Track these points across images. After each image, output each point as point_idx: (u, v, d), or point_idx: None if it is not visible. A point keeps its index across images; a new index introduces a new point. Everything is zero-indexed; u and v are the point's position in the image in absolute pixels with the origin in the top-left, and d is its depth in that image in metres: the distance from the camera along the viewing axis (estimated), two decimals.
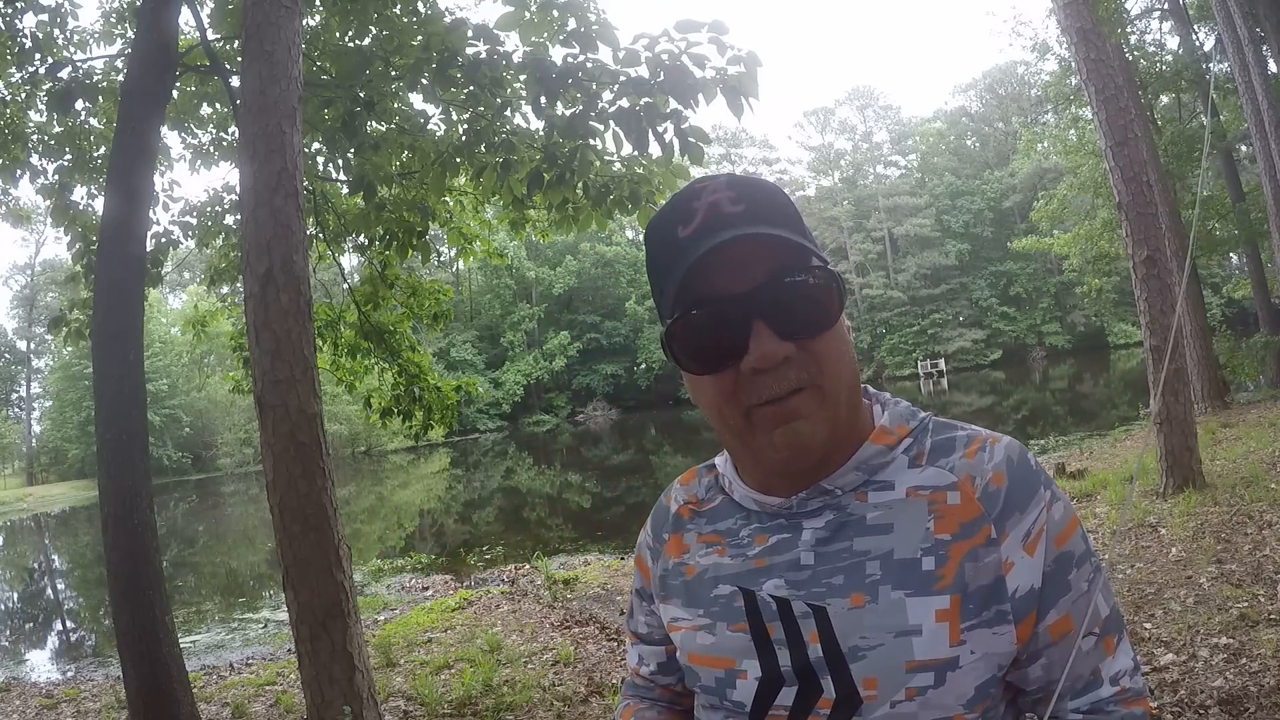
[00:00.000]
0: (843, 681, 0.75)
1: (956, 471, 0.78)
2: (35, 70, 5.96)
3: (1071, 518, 0.79)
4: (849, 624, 0.76)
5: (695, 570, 0.87)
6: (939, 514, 0.77)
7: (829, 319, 0.76)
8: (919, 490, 0.78)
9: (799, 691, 0.77)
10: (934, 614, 0.74)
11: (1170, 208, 12.68)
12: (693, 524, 0.91)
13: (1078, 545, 0.78)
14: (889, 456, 0.80)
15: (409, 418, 7.30)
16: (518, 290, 53.94)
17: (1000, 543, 0.75)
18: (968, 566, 0.75)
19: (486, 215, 7.54)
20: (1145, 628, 4.14)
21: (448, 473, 30.21)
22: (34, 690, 6.72)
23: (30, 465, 48.47)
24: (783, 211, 0.77)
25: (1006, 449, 0.79)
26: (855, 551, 0.77)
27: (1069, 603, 0.77)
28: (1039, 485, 0.78)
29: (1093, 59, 7.46)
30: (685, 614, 0.87)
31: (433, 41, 4.84)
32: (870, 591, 0.76)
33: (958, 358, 51.22)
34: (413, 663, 5.80)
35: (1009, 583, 0.75)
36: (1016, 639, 0.76)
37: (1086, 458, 11.12)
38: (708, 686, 0.84)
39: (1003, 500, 0.76)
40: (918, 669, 0.74)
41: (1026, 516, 0.76)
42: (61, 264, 36.41)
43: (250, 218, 3.56)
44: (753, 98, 4.03)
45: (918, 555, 0.76)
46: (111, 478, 4.07)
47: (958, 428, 0.83)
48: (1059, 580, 0.77)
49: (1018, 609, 0.75)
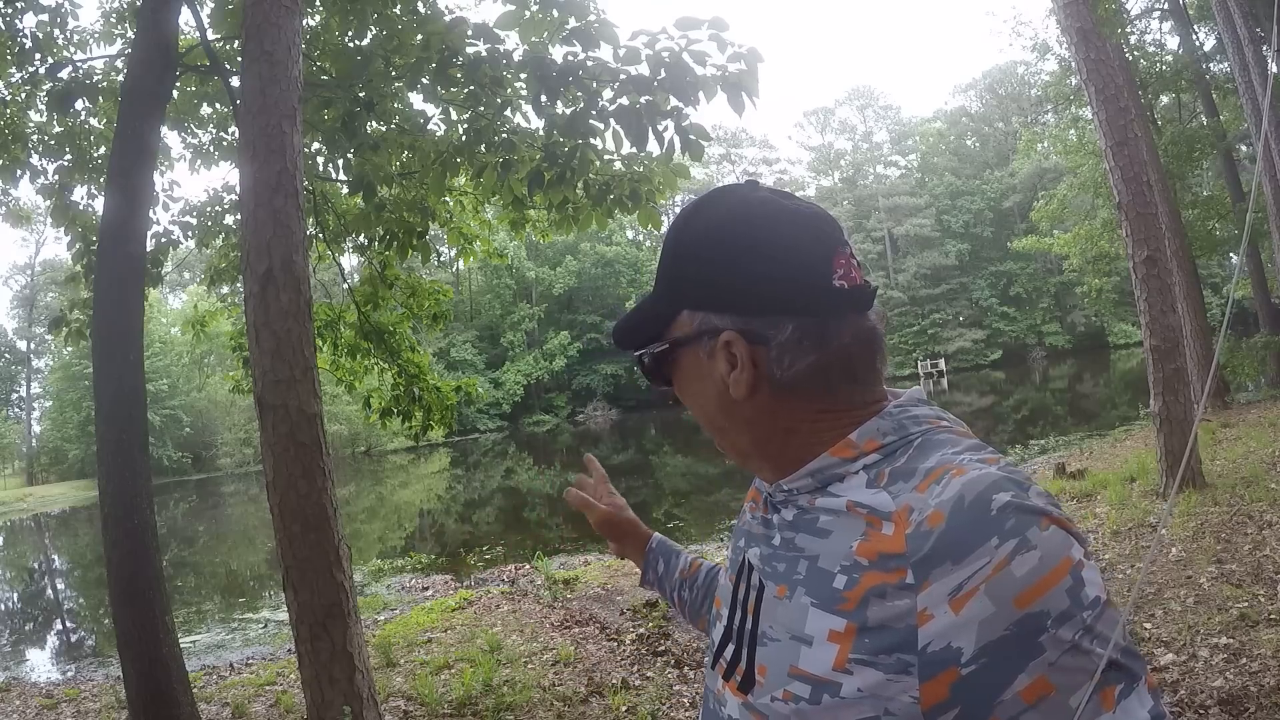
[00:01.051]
0: (749, 658, 0.82)
1: (898, 501, 0.73)
2: (35, 70, 5.96)
3: (1053, 570, 0.67)
4: (769, 610, 0.81)
5: (744, 521, 0.98)
6: (867, 537, 0.73)
7: (661, 382, 0.90)
8: (858, 507, 0.75)
9: (733, 651, 0.85)
10: (827, 631, 0.73)
11: (1170, 208, 12.68)
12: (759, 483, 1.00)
13: (1057, 603, 0.66)
14: (845, 469, 0.79)
15: (409, 418, 7.30)
16: (518, 290, 53.93)
17: (919, 590, 0.68)
18: (873, 600, 0.70)
19: (486, 215, 7.53)
20: (1145, 628, 4.14)
21: (448, 473, 30.21)
22: (34, 690, 6.72)
23: (30, 465, 48.48)
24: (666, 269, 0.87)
25: (964, 486, 0.69)
26: (797, 546, 0.81)
27: (1042, 665, 0.65)
28: (990, 535, 0.66)
29: (1093, 59, 7.46)
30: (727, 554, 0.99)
31: (432, 41, 4.83)
32: (791, 587, 0.78)
33: (958, 358, 51.21)
34: (413, 663, 5.80)
35: (921, 635, 0.67)
36: (921, 696, 0.68)
37: (1086, 458, 11.12)
38: (710, 620, 0.97)
39: (932, 544, 0.68)
40: (797, 677, 0.74)
41: (961, 569, 0.66)
42: (61, 264, 36.40)
43: (250, 218, 3.56)
44: (753, 95, 4.03)
45: (835, 570, 0.74)
46: (111, 478, 4.07)
47: (941, 449, 0.76)
48: (1024, 645, 0.66)
49: (927, 665, 0.67)
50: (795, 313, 0.78)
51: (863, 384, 0.82)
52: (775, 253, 0.79)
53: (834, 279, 0.79)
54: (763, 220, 0.80)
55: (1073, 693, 0.66)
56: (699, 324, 0.83)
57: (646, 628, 5.96)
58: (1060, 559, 0.67)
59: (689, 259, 0.83)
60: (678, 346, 0.86)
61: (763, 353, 0.79)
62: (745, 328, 0.79)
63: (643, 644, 5.61)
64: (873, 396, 0.82)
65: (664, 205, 8.65)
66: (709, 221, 0.83)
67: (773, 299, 0.79)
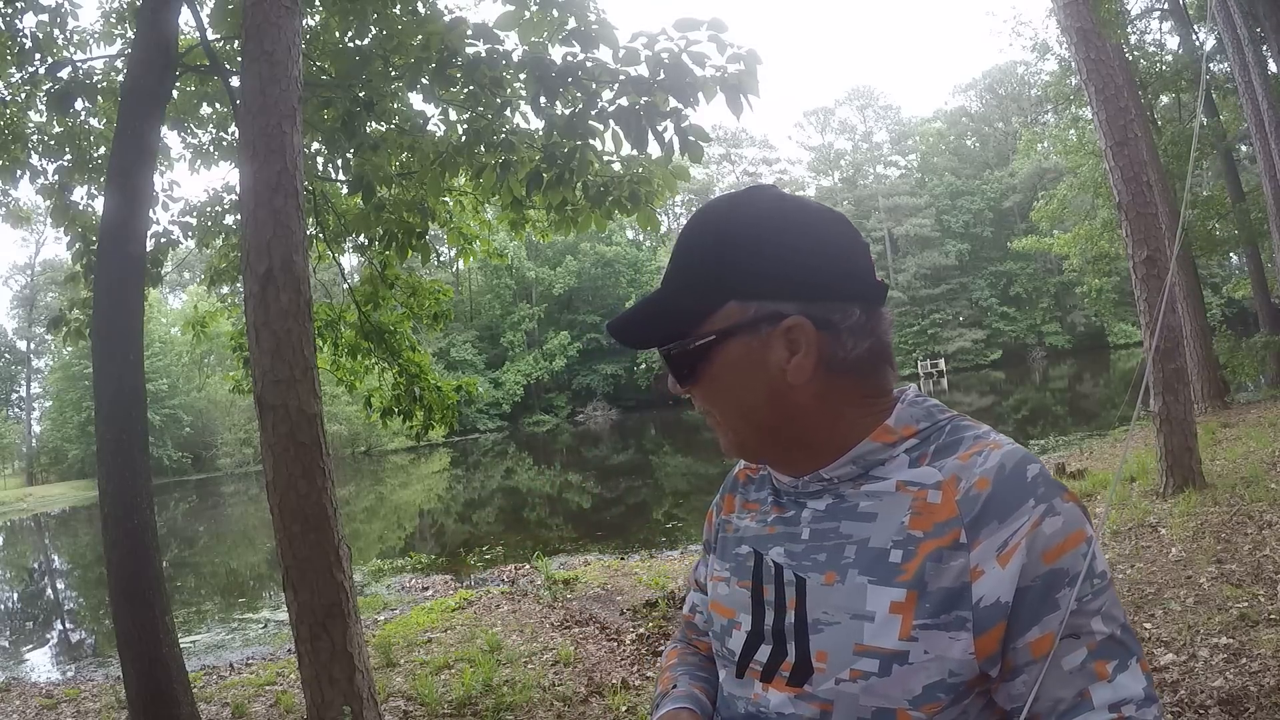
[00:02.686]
0: (801, 649, 0.82)
1: (945, 472, 0.80)
2: (35, 70, 5.95)
3: (1072, 535, 0.75)
4: (819, 598, 0.82)
5: (733, 529, 0.98)
6: (917, 510, 0.79)
7: (685, 379, 0.87)
8: (907, 485, 0.81)
9: (772, 650, 0.85)
10: (889, 604, 0.77)
11: (1170, 208, 12.68)
12: (743, 489, 1.02)
13: (1074, 564, 0.74)
14: (888, 453, 0.84)
15: (409, 418, 7.30)
16: (518, 290, 53.93)
17: (971, 548, 0.75)
18: (929, 566, 0.76)
19: (486, 215, 7.53)
20: (1145, 628, 4.14)
21: (448, 473, 30.21)
22: (34, 690, 6.72)
23: (30, 465, 48.47)
24: (699, 263, 0.85)
25: (1003, 456, 0.79)
26: (841, 534, 0.83)
27: (1054, 621, 0.74)
28: (1028, 497, 0.76)
29: (1093, 59, 7.46)
30: (718, 565, 0.98)
31: (432, 41, 4.83)
32: (841, 572, 0.81)
33: (958, 358, 51.22)
34: (413, 663, 5.80)
35: (974, 590, 0.75)
36: (976, 649, 0.75)
37: (1086, 458, 11.12)
38: (716, 633, 0.95)
39: (981, 506, 0.76)
40: (864, 653, 0.78)
41: (1006, 527, 0.75)
42: (61, 264, 36.38)
43: (250, 218, 3.56)
44: (753, 96, 4.03)
45: (888, 546, 0.79)
46: (111, 478, 4.07)
47: (971, 430, 0.84)
48: (1044, 598, 0.74)
49: (980, 619, 0.74)
50: (857, 299, 0.84)
51: (893, 371, 0.88)
52: (830, 246, 0.84)
53: (875, 273, 0.87)
54: (810, 216, 0.85)
55: (1066, 655, 0.74)
56: (755, 312, 0.83)
57: (646, 628, 5.96)
58: (1078, 528, 0.77)
59: (739, 250, 0.84)
60: (727, 337, 0.84)
61: (826, 338, 0.83)
62: (813, 313, 0.82)
63: (643, 644, 5.61)
64: (894, 384, 0.89)
65: (663, 206, 8.65)
66: (756, 214, 0.85)
67: (839, 287, 0.84)
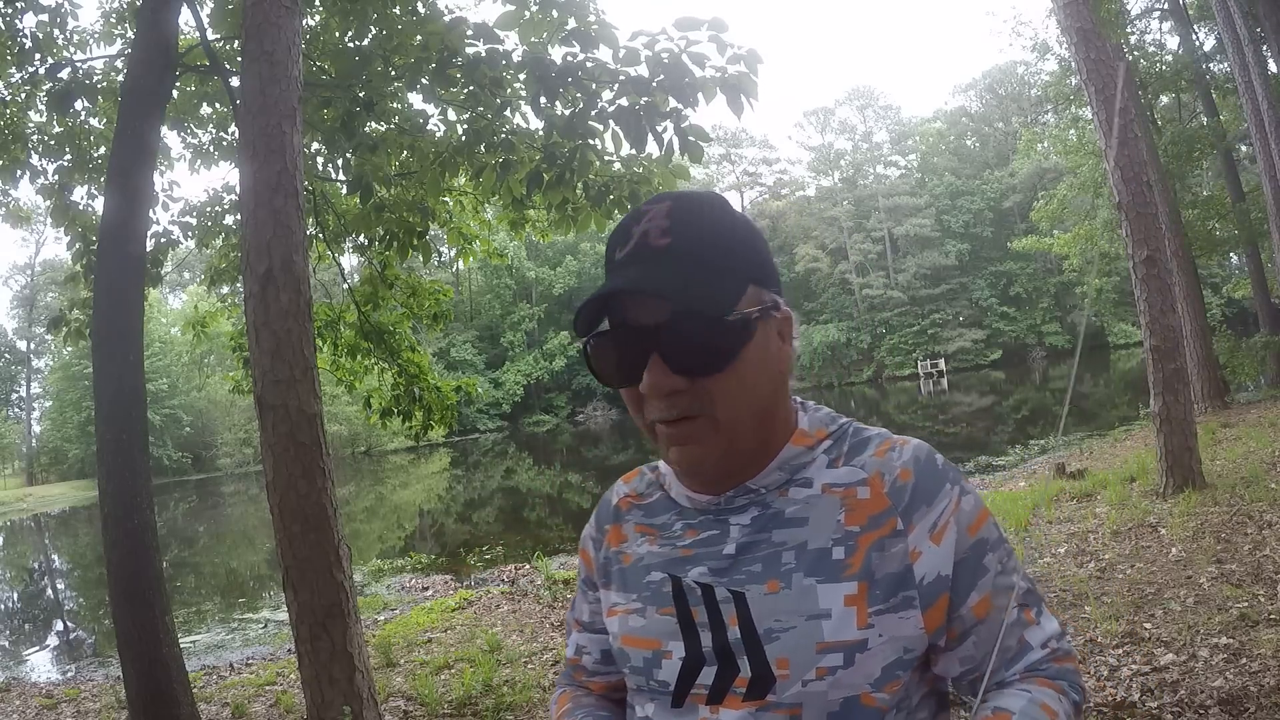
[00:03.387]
0: (758, 661, 0.81)
1: (867, 469, 0.85)
2: (35, 70, 5.95)
3: (983, 509, 0.86)
4: (765, 608, 0.82)
5: (631, 558, 0.94)
6: (850, 507, 0.83)
7: (720, 363, 0.79)
8: (833, 487, 0.85)
9: (718, 671, 0.83)
10: (843, 599, 0.80)
11: (1170, 208, 12.68)
12: (630, 515, 0.97)
13: (990, 532, 0.85)
14: (809, 457, 0.87)
15: (409, 418, 7.29)
16: (518, 290, 53.92)
17: (907, 534, 0.81)
18: (874, 556, 0.81)
19: (486, 215, 7.53)
20: (1145, 628, 4.14)
21: (448, 473, 30.20)
22: (34, 690, 6.72)
23: (30, 465, 48.46)
24: (711, 247, 0.82)
25: (915, 449, 0.86)
26: (773, 542, 0.84)
27: (988, 584, 0.84)
28: (945, 481, 0.84)
29: (1093, 59, 7.46)
30: (621, 598, 0.93)
31: (432, 41, 4.83)
32: (785, 578, 0.82)
33: (958, 358, 51.18)
34: (413, 663, 5.80)
35: (916, 570, 0.81)
36: (925, 624, 0.81)
37: (1086, 458, 11.12)
38: (637, 667, 0.89)
39: (909, 494, 0.83)
40: (827, 650, 0.79)
41: (933, 509, 0.82)
42: (61, 264, 36.37)
43: (250, 218, 3.56)
44: (752, 97, 4.03)
45: (829, 545, 0.82)
46: (111, 478, 4.07)
47: (869, 431, 0.90)
48: (975, 566, 0.83)
49: (925, 595, 0.81)
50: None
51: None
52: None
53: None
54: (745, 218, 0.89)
55: (1006, 610, 0.84)
56: (766, 299, 0.83)
57: None
58: (982, 504, 0.87)
59: (741, 235, 0.85)
60: (766, 314, 0.83)
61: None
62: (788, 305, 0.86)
63: None
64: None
65: None
66: (734, 209, 0.87)
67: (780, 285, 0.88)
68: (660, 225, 0.82)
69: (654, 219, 0.83)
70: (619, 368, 0.83)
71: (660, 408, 0.81)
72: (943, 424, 24.10)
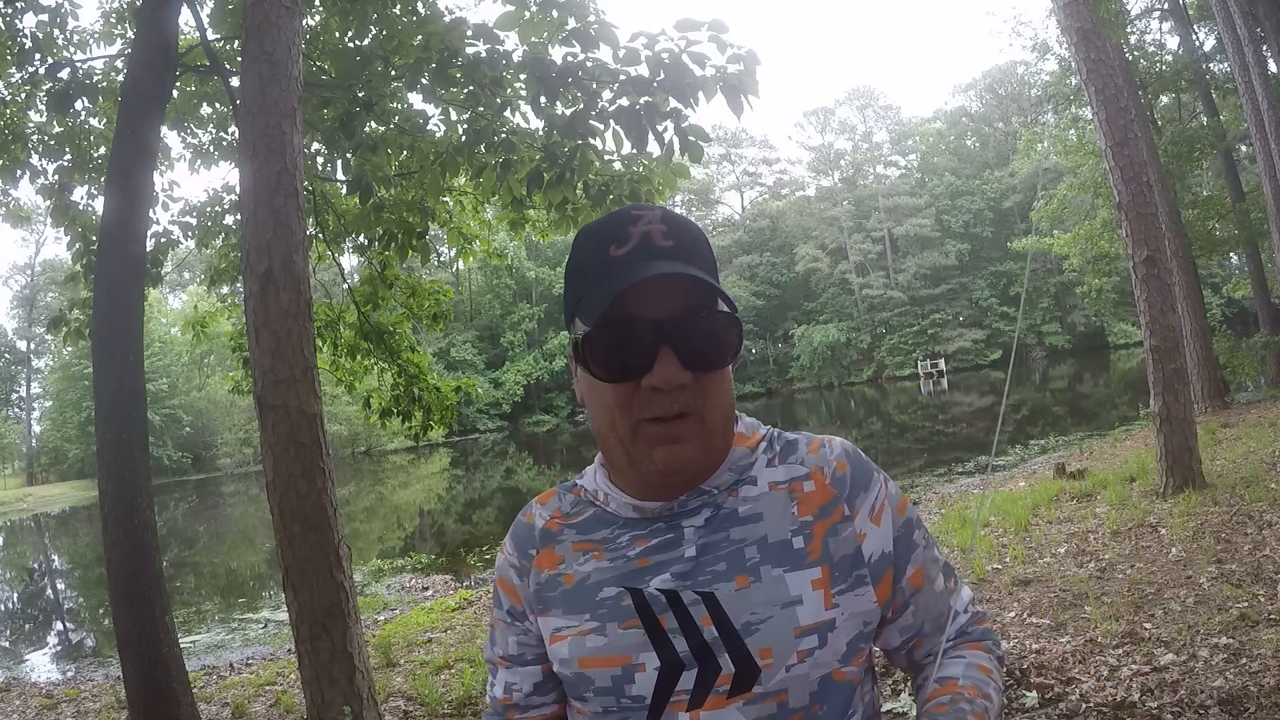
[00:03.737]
0: (740, 655, 0.83)
1: (806, 464, 0.92)
2: (35, 70, 5.95)
3: (901, 494, 0.96)
4: (738, 604, 0.84)
5: (575, 578, 0.91)
6: (799, 500, 0.90)
7: (725, 359, 0.85)
8: (778, 484, 0.91)
9: (699, 673, 0.84)
10: (810, 584, 0.86)
11: (1170, 208, 12.67)
12: (564, 536, 0.95)
13: (912, 513, 0.96)
14: (752, 457, 0.92)
15: (408, 418, 7.29)
16: (518, 290, 53.89)
17: (853, 518, 0.90)
18: (830, 541, 0.88)
19: (486, 215, 7.53)
20: (1145, 628, 4.13)
21: (448, 473, 30.20)
22: (34, 690, 6.72)
23: (30, 465, 48.46)
24: (702, 254, 0.88)
25: (841, 444, 0.95)
26: (733, 540, 0.87)
27: (920, 556, 0.94)
28: (873, 470, 0.94)
29: (1093, 59, 7.46)
30: (570, 621, 0.90)
31: (432, 41, 4.83)
32: (753, 572, 0.85)
33: (958, 358, 51.17)
34: (413, 663, 5.80)
35: (864, 550, 0.89)
36: (876, 597, 0.90)
37: (1087, 458, 11.12)
38: (603, 688, 0.87)
39: (849, 484, 0.91)
40: (805, 633, 0.84)
41: (870, 494, 0.92)
42: (61, 264, 36.36)
43: (250, 218, 3.56)
44: (752, 96, 4.03)
45: (788, 536, 0.87)
46: (111, 478, 4.07)
47: (791, 433, 0.97)
48: (907, 541, 0.93)
49: (874, 571, 0.89)
50: None
51: None
52: None
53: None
54: None
55: (935, 580, 0.95)
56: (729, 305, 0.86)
57: None
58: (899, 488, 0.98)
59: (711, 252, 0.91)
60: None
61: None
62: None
63: None
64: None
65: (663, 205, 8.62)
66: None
67: None
68: (660, 229, 0.85)
69: (652, 222, 0.86)
70: (624, 360, 0.83)
71: (662, 403, 0.82)
72: (943, 424, 24.11)
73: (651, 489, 0.89)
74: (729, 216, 65.50)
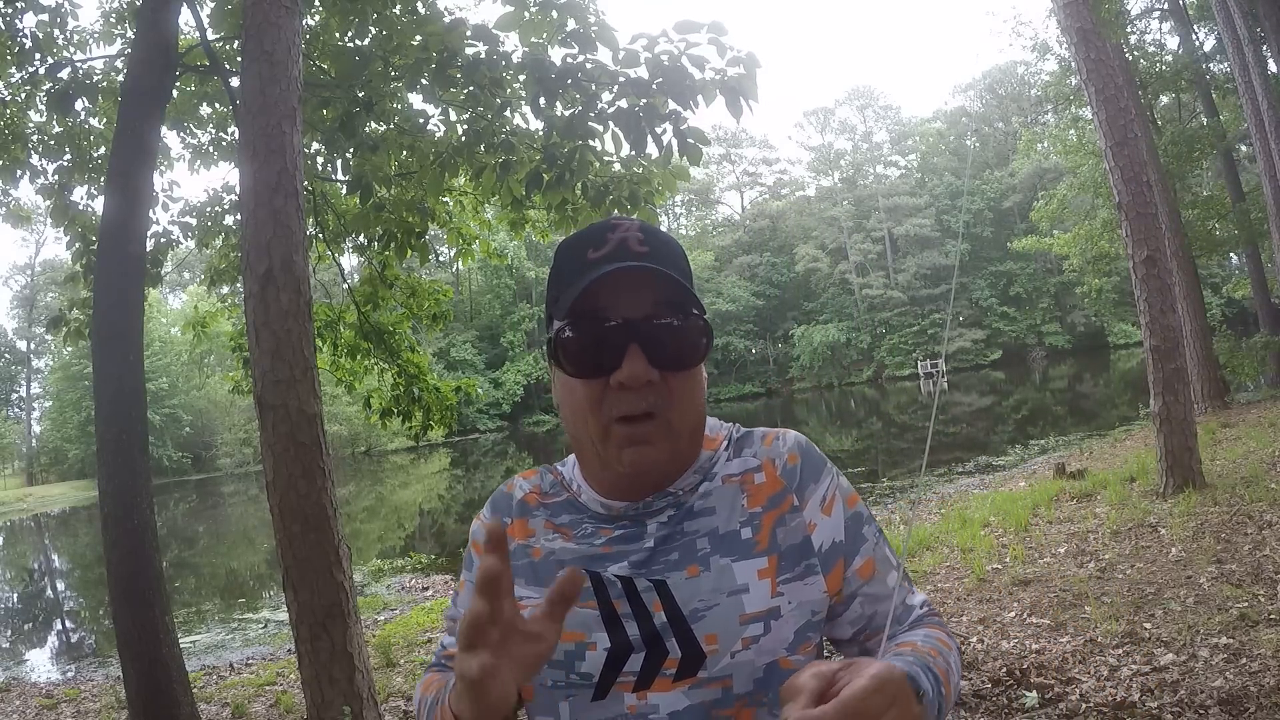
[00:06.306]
0: (686, 641, 0.86)
1: (759, 456, 0.95)
2: (35, 70, 5.95)
3: (852, 488, 0.99)
4: (687, 592, 0.87)
5: (542, 552, 0.95)
6: (749, 492, 0.92)
7: (693, 360, 0.88)
8: (731, 476, 0.94)
9: (646, 656, 0.86)
10: (756, 573, 0.88)
11: (1170, 208, 12.67)
12: (538, 511, 0.99)
13: (863, 508, 0.97)
14: (716, 457, 0.96)
15: (408, 418, 7.29)
16: (518, 290, 53.89)
17: (802, 509, 0.92)
18: (779, 531, 0.90)
19: (486, 215, 7.53)
20: (1145, 628, 4.14)
21: (448, 473, 30.20)
22: (34, 690, 6.72)
23: (30, 465, 48.47)
24: (677, 264, 0.90)
25: (794, 437, 0.97)
26: (686, 533, 0.91)
27: (869, 550, 0.95)
28: (824, 462, 0.97)
29: (1093, 59, 7.46)
30: (531, 592, 0.93)
31: (432, 41, 4.83)
32: (702, 562, 0.88)
33: (958, 358, 51.16)
34: (413, 663, 5.80)
35: (814, 540, 0.91)
36: (827, 587, 0.91)
37: (1087, 458, 11.12)
38: (556, 661, 0.89)
39: (799, 475, 0.94)
40: (750, 620, 0.86)
41: (820, 486, 0.94)
42: (61, 264, 36.36)
43: (250, 218, 3.56)
44: (752, 99, 4.03)
45: (737, 527, 0.90)
46: (111, 478, 4.07)
47: (748, 429, 1.00)
48: (856, 534, 0.95)
49: (824, 561, 0.91)
50: None
51: None
52: None
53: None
54: None
55: (887, 574, 0.95)
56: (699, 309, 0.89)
57: None
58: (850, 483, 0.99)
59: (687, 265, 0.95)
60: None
61: None
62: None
63: None
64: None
65: (663, 206, 8.65)
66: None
67: None
68: (636, 236, 0.89)
69: (629, 230, 0.90)
70: (595, 357, 0.86)
71: (629, 401, 0.85)
72: (942, 424, 24.11)
73: (620, 490, 0.93)
74: (729, 216, 65.55)
